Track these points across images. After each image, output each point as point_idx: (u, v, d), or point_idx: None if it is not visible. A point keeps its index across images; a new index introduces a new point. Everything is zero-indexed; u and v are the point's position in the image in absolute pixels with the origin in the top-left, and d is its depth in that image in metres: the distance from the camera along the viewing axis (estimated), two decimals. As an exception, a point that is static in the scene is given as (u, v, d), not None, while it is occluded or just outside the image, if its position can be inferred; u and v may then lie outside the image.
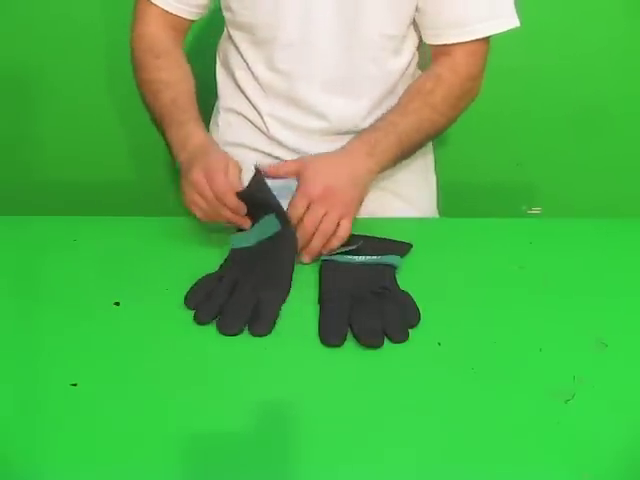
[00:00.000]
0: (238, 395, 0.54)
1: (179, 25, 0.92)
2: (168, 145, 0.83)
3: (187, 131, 0.81)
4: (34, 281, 0.72)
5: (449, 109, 0.86)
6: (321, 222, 0.73)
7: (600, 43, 1.66)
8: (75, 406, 0.53)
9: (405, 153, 0.85)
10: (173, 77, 0.88)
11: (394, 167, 0.86)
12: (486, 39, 0.86)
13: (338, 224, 0.73)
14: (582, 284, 0.72)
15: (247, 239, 0.74)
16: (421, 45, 0.90)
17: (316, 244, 0.73)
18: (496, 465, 0.47)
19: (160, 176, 1.72)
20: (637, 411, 0.53)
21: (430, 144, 1.02)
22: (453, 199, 1.07)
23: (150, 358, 0.59)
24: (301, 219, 0.73)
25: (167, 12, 0.90)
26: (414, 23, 0.87)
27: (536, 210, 1.78)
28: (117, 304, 0.66)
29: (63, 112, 1.69)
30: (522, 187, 1.79)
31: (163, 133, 0.85)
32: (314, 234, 0.73)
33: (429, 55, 0.90)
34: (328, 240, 0.73)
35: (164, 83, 0.86)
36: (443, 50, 0.86)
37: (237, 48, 0.91)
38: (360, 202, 0.78)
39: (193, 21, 0.94)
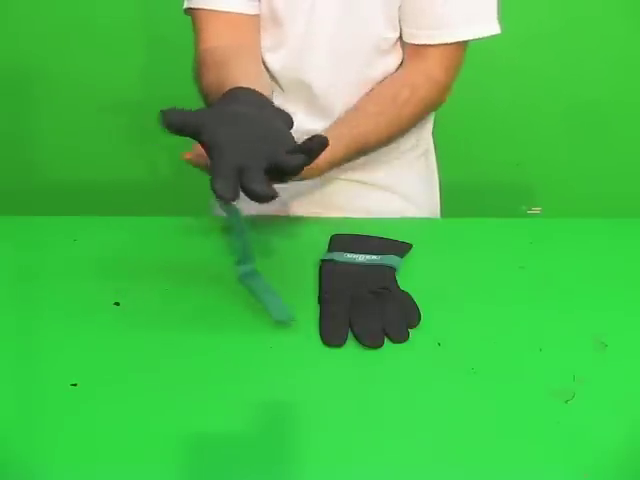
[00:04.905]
0: (238, 395, 0.54)
1: (243, 25, 0.85)
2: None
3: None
4: (34, 281, 0.72)
5: (415, 118, 0.86)
6: None
7: (600, 44, 1.66)
8: (75, 406, 0.52)
9: (361, 149, 0.82)
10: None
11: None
12: (462, 47, 0.85)
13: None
14: (582, 284, 0.72)
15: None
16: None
17: None
18: (496, 465, 0.47)
19: (161, 176, 1.72)
20: (637, 411, 0.53)
21: (432, 146, 1.02)
22: (453, 199, 1.07)
23: (150, 358, 0.59)
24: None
25: (225, 13, 0.84)
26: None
27: (536, 210, 1.79)
28: (117, 304, 0.66)
29: (63, 112, 1.69)
30: (522, 187, 1.79)
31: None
32: None
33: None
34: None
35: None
36: (418, 51, 0.85)
37: None
38: None
39: (256, 17, 0.86)
